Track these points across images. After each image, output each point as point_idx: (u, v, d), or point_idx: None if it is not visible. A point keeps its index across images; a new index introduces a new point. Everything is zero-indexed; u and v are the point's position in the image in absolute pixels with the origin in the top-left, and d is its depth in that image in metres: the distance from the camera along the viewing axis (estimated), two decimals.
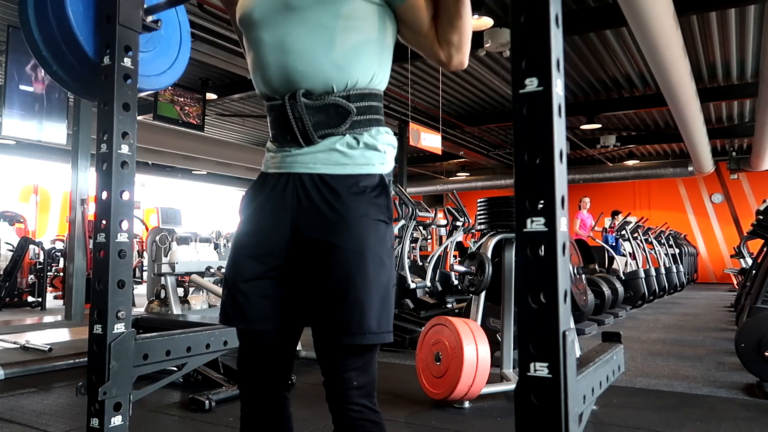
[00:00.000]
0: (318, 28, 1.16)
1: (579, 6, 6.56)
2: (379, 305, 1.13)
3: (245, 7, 1.25)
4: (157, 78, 1.80)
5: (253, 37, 1.23)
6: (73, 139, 6.43)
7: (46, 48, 1.61)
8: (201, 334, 2.09)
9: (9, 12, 6.73)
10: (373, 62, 1.21)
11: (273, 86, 1.20)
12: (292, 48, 1.17)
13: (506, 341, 3.17)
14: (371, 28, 1.19)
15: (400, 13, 1.22)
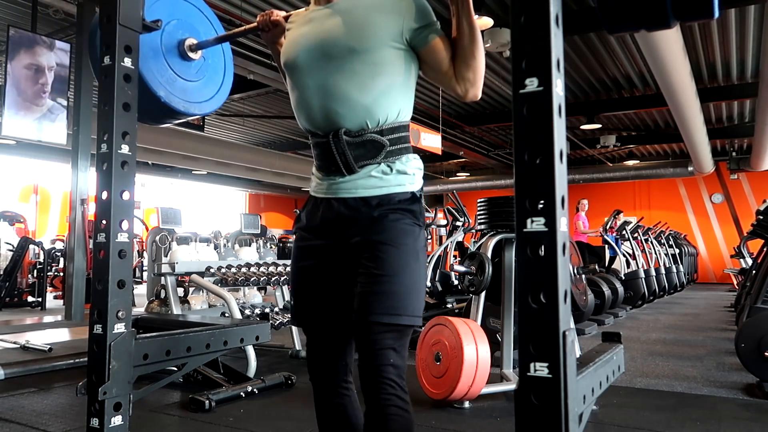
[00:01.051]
0: (353, 75, 1.36)
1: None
2: (414, 293, 1.33)
3: (289, 53, 1.46)
4: (205, 104, 1.96)
5: (297, 80, 1.44)
6: (73, 139, 6.43)
7: None
8: (201, 334, 2.09)
9: (9, 12, 6.73)
10: (399, 100, 1.41)
11: (317, 124, 1.42)
12: (333, 92, 1.37)
13: (506, 341, 3.17)
14: (397, 72, 1.39)
15: (422, 55, 1.41)
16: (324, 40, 1.39)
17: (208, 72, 1.96)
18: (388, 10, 1.38)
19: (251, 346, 3.39)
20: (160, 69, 1.80)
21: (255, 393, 3.03)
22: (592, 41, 7.62)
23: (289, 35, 1.51)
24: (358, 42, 1.35)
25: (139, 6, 1.66)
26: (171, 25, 1.84)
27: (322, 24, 1.41)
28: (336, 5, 1.43)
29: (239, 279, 3.76)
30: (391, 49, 1.37)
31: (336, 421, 1.47)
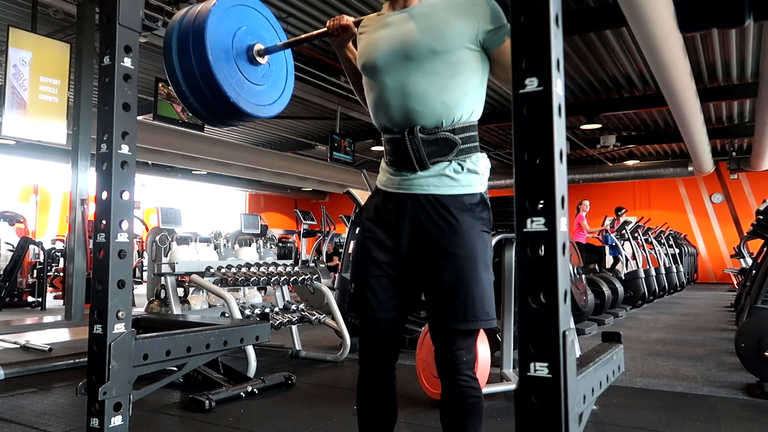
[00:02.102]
0: (432, 75, 1.44)
1: (579, 6, 6.56)
2: (486, 298, 1.45)
3: (368, 55, 1.53)
4: (270, 107, 2.05)
5: (377, 80, 1.51)
6: (73, 139, 6.43)
7: (185, 84, 1.85)
8: (201, 334, 2.09)
9: (9, 12, 6.73)
10: (474, 100, 1.49)
11: (394, 122, 1.49)
12: (412, 91, 1.45)
13: (506, 341, 3.17)
14: (473, 72, 1.47)
15: (493, 56, 1.48)
16: (405, 42, 1.46)
17: (272, 77, 2.06)
18: (464, 13, 1.45)
19: (251, 346, 3.39)
20: (231, 71, 1.88)
21: (255, 393, 3.03)
22: (592, 41, 7.62)
23: (366, 38, 1.58)
24: (439, 43, 1.43)
25: (139, 6, 1.66)
26: (241, 31, 1.94)
27: (402, 27, 1.49)
28: (413, 9, 1.51)
29: (239, 279, 3.76)
30: (468, 50, 1.45)
31: (380, 403, 1.56)
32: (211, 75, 1.79)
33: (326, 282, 5.08)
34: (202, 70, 1.80)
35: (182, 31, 1.86)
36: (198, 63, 1.80)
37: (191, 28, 1.83)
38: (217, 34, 1.84)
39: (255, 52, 1.94)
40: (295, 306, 4.06)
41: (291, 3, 6.63)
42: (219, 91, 1.82)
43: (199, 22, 1.83)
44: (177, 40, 1.84)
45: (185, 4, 6.30)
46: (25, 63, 5.96)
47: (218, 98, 1.84)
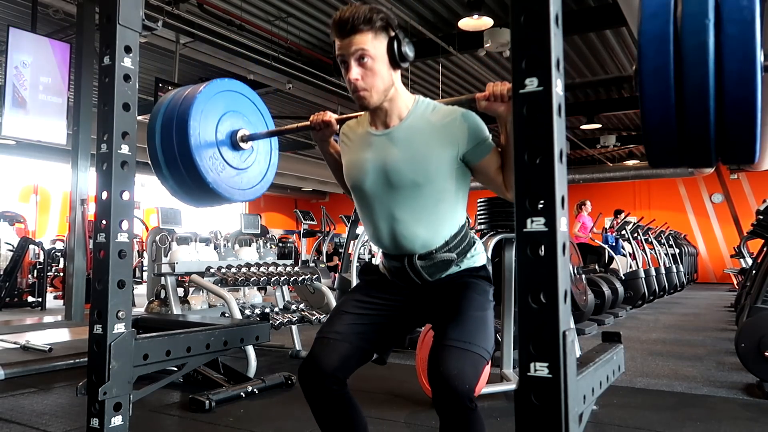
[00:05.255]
0: (418, 205, 1.49)
1: (579, 6, 6.56)
2: (480, 334, 1.43)
3: (355, 177, 1.56)
4: (251, 190, 2.09)
5: (365, 204, 1.57)
6: (73, 139, 6.43)
7: (167, 168, 1.90)
8: (201, 334, 2.09)
9: (9, 12, 6.73)
10: (459, 213, 1.55)
11: (385, 245, 1.56)
12: (400, 219, 1.50)
13: (506, 341, 3.17)
14: (455, 192, 1.52)
15: (474, 168, 1.52)
16: (389, 172, 1.49)
17: (255, 160, 2.10)
18: (444, 138, 1.47)
19: (251, 346, 3.39)
20: (213, 157, 1.92)
21: (255, 393, 3.03)
22: (592, 41, 7.62)
23: (350, 155, 1.60)
24: (422, 177, 1.47)
25: (139, 6, 1.66)
26: (227, 117, 1.98)
27: (385, 153, 1.51)
28: (395, 132, 1.51)
29: (239, 279, 3.76)
30: (451, 175, 1.49)
31: (347, 405, 1.53)
32: (192, 162, 1.84)
33: (326, 282, 5.08)
34: (183, 157, 1.85)
35: (167, 116, 1.90)
36: (180, 150, 1.85)
37: (176, 114, 1.88)
38: (202, 121, 1.88)
39: (239, 138, 1.98)
40: (295, 306, 4.06)
41: (291, 3, 6.63)
42: (199, 178, 1.86)
43: (183, 109, 1.87)
44: (161, 124, 1.88)
45: (185, 4, 6.32)
46: (26, 65, 5.95)
47: (198, 184, 1.89)
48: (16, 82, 5.90)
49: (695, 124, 1.06)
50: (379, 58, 1.45)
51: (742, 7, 1.01)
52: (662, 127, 1.08)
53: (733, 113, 1.03)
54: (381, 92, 1.48)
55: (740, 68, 1.00)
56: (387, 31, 1.46)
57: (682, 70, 1.04)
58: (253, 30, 7.04)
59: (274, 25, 7.10)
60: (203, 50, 7.05)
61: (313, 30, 7.39)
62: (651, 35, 1.06)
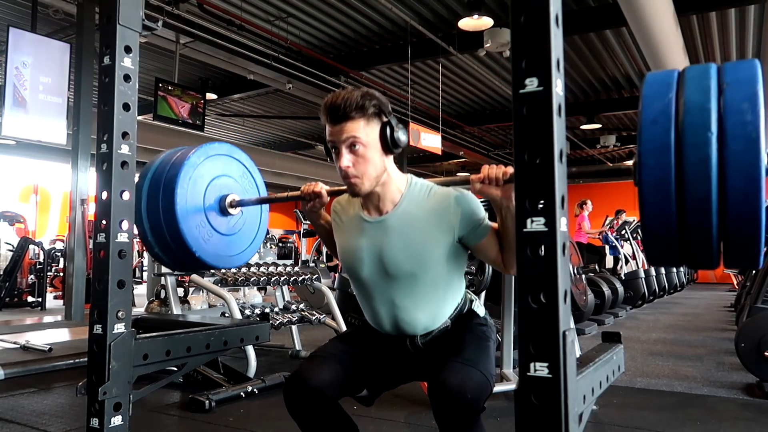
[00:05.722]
0: (416, 293, 1.49)
1: (579, 6, 6.56)
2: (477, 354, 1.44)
3: (351, 264, 1.55)
4: (238, 256, 2.06)
5: (365, 290, 1.56)
6: (73, 139, 6.43)
7: (152, 234, 1.87)
8: (201, 334, 2.09)
9: (9, 12, 6.73)
10: (456, 294, 1.55)
11: (385, 329, 1.55)
12: (400, 305, 1.50)
13: (506, 341, 3.17)
14: (453, 273, 1.51)
15: (471, 248, 1.51)
16: (385, 262, 1.48)
17: (244, 226, 2.06)
18: (439, 225, 1.45)
19: (251, 346, 3.39)
20: (199, 224, 1.89)
21: (255, 393, 3.03)
22: (592, 41, 7.62)
23: (343, 238, 1.60)
24: (419, 267, 1.46)
25: (139, 6, 1.66)
26: (216, 182, 1.95)
27: (380, 242, 1.49)
28: (389, 219, 1.50)
29: (239, 279, 3.76)
30: (448, 260, 1.48)
31: (335, 421, 1.48)
32: (178, 231, 1.81)
33: (326, 282, 5.08)
34: (169, 225, 1.82)
35: (154, 181, 1.86)
36: (166, 218, 1.82)
37: (163, 180, 1.84)
38: (189, 188, 1.85)
39: (227, 204, 1.95)
40: (295, 306, 4.06)
41: (291, 3, 6.63)
42: (185, 246, 1.84)
43: (171, 176, 1.83)
44: (147, 190, 1.85)
45: (185, 4, 6.32)
46: (26, 65, 5.95)
47: (184, 252, 1.86)
48: (16, 82, 5.90)
49: (697, 235, 1.04)
50: (371, 145, 1.42)
51: (747, 122, 0.98)
52: (663, 235, 1.06)
53: (736, 229, 1.01)
54: (373, 179, 1.45)
55: (744, 186, 0.97)
56: (380, 117, 1.44)
57: (684, 183, 1.01)
58: (253, 30, 7.04)
59: (274, 25, 7.10)
60: (203, 50, 7.05)
61: (313, 30, 7.39)
62: (651, 145, 1.03)
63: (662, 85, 1.08)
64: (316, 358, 1.49)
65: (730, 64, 1.05)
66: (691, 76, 1.06)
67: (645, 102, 1.08)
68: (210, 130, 11.80)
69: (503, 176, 1.36)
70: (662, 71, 1.13)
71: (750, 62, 1.04)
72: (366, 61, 8.12)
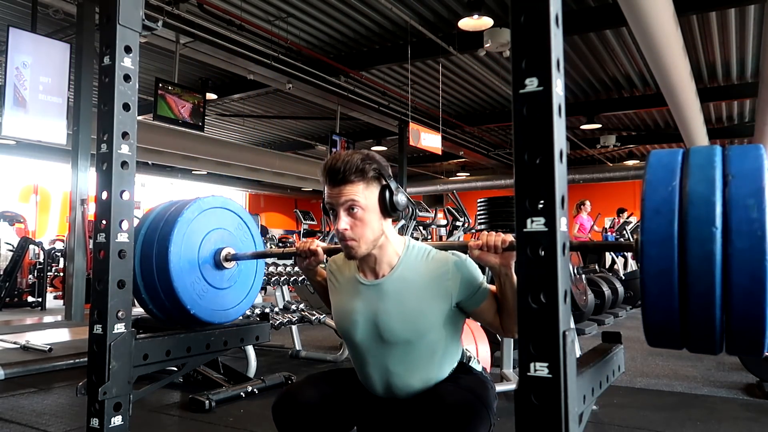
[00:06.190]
0: (411, 359, 1.46)
1: (579, 6, 6.56)
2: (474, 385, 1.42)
3: (346, 328, 1.52)
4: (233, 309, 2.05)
5: (358, 353, 1.52)
6: (73, 139, 6.43)
7: (145, 292, 1.87)
8: (201, 334, 2.09)
9: (9, 12, 6.73)
10: (452, 359, 1.51)
11: (376, 391, 1.52)
12: (393, 371, 1.47)
13: (506, 341, 3.17)
14: (449, 338, 1.48)
15: (470, 313, 1.49)
16: (380, 327, 1.45)
17: (239, 278, 2.05)
18: (436, 290, 1.43)
19: (251, 346, 3.39)
20: (194, 281, 1.88)
21: (255, 393, 3.03)
22: (592, 41, 7.62)
23: (338, 299, 1.57)
24: (415, 334, 1.43)
25: (139, 6, 1.66)
26: (211, 235, 1.94)
27: (375, 306, 1.47)
28: (384, 284, 1.47)
29: None
30: (444, 326, 1.45)
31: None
32: (172, 289, 1.80)
33: None
34: (163, 283, 1.81)
35: (147, 238, 1.85)
36: (160, 276, 1.81)
37: (156, 237, 1.83)
38: (184, 244, 1.83)
39: (222, 257, 1.94)
40: (295, 306, 4.05)
41: (291, 3, 6.63)
42: (179, 304, 1.83)
43: (164, 234, 1.82)
44: (141, 247, 1.84)
45: (185, 4, 6.32)
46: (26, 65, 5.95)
47: (178, 309, 1.85)
48: (16, 83, 5.90)
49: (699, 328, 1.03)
50: (370, 208, 1.41)
51: (753, 219, 0.96)
52: (664, 324, 1.06)
53: (739, 325, 0.99)
54: (370, 242, 1.43)
55: (749, 285, 0.96)
56: (379, 180, 1.43)
57: (687, 276, 1.00)
58: (253, 30, 7.04)
59: (274, 25, 7.10)
60: (203, 50, 7.05)
61: (313, 30, 7.39)
62: (655, 236, 1.02)
63: (666, 171, 1.06)
64: (308, 378, 1.51)
65: (736, 151, 1.02)
66: (696, 164, 1.04)
67: (648, 189, 1.06)
68: (210, 130, 11.80)
69: (502, 244, 1.34)
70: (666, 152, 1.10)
71: (755, 151, 1.01)
72: (366, 61, 8.12)
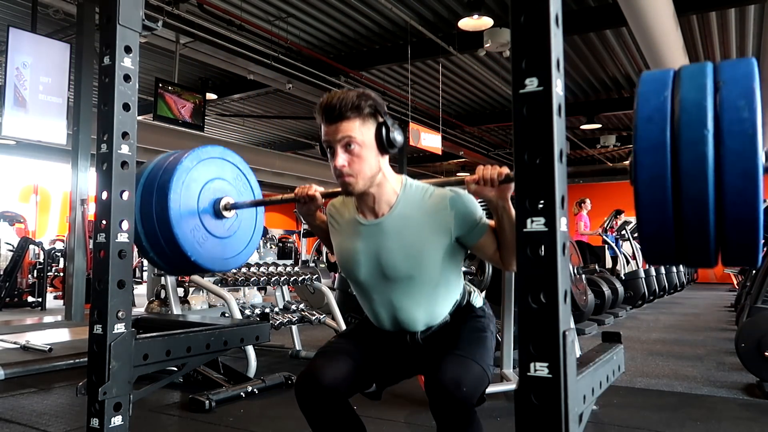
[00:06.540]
0: (415, 294, 1.50)
1: (579, 6, 6.56)
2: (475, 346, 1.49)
3: (349, 267, 1.55)
4: (233, 258, 2.05)
5: (364, 291, 1.57)
6: (73, 139, 6.43)
7: (146, 240, 1.86)
8: (201, 334, 2.09)
9: (9, 12, 6.73)
10: (454, 291, 1.56)
11: (385, 328, 1.57)
12: (398, 306, 1.52)
13: (506, 341, 3.17)
14: (451, 272, 1.52)
15: (470, 248, 1.52)
16: (382, 265, 1.49)
17: (239, 228, 2.06)
18: (436, 226, 1.46)
19: (251, 346, 3.39)
20: (194, 228, 1.89)
21: (255, 393, 3.03)
22: (592, 41, 7.62)
23: (340, 241, 1.60)
24: (416, 269, 1.47)
25: (139, 6, 1.66)
26: (210, 185, 1.95)
27: (377, 245, 1.50)
28: (384, 222, 1.49)
29: (239, 279, 3.76)
30: (445, 260, 1.49)
31: (346, 419, 1.50)
32: (173, 235, 1.81)
33: (326, 282, 5.08)
34: (163, 230, 1.82)
35: (146, 186, 1.86)
36: (160, 223, 1.82)
37: (156, 185, 1.84)
38: (183, 192, 1.85)
39: (222, 207, 1.95)
40: (295, 306, 4.06)
41: (291, 3, 6.63)
42: (180, 251, 1.84)
43: (163, 181, 1.83)
44: (140, 195, 1.85)
45: (185, 4, 6.32)
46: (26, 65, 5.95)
47: (178, 256, 1.86)
48: (16, 83, 5.90)
49: (694, 235, 1.03)
50: (367, 145, 1.42)
51: (744, 119, 0.96)
52: (659, 235, 1.05)
53: (733, 228, 1.00)
54: (367, 179, 1.45)
55: (741, 185, 0.96)
56: (375, 117, 1.44)
57: (680, 181, 1.00)
58: (253, 30, 7.04)
59: (274, 25, 7.10)
60: (203, 50, 7.05)
61: (313, 30, 7.39)
62: (647, 143, 1.02)
63: (658, 83, 1.06)
64: (325, 354, 1.51)
65: (727, 62, 1.04)
66: (687, 75, 1.05)
67: (640, 100, 1.06)
68: (210, 130, 11.80)
69: (498, 177, 1.36)
70: (658, 70, 1.11)
71: (746, 60, 1.02)
72: (366, 61, 8.12)
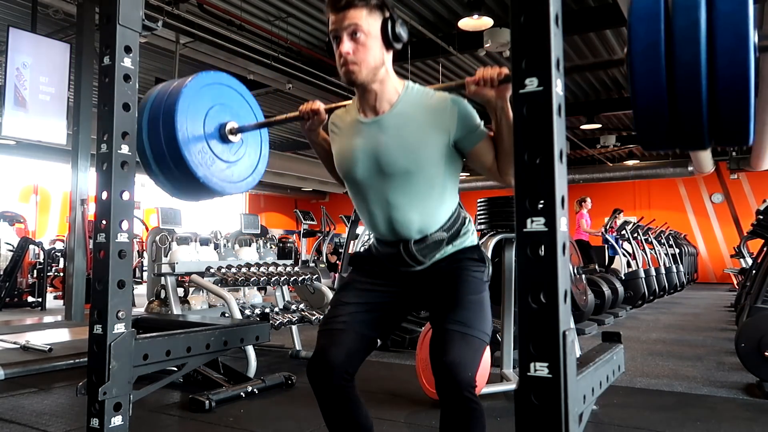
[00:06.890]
0: (411, 191, 1.49)
1: (579, 6, 6.56)
2: (474, 314, 1.48)
3: (347, 166, 1.55)
4: (242, 183, 2.07)
5: (358, 192, 1.57)
6: (73, 139, 6.43)
7: (155, 163, 1.87)
8: (201, 334, 2.09)
9: (9, 12, 6.73)
10: (449, 201, 1.55)
11: (381, 232, 1.55)
12: (394, 204, 1.50)
13: (506, 341, 3.17)
14: (447, 177, 1.52)
15: (467, 155, 1.51)
16: (380, 160, 1.49)
17: (245, 152, 2.08)
18: (435, 124, 1.46)
19: (251, 346, 3.39)
20: (201, 151, 1.90)
21: (255, 393, 3.03)
22: (592, 41, 7.62)
23: (340, 143, 1.59)
24: (414, 164, 1.47)
25: (139, 6, 1.66)
26: (214, 110, 1.96)
27: (375, 140, 1.50)
28: (384, 119, 1.50)
29: (239, 279, 3.76)
30: (442, 162, 1.49)
31: (355, 402, 1.51)
32: (181, 158, 1.82)
33: (326, 282, 5.08)
34: (171, 152, 1.83)
35: (153, 111, 1.87)
36: (168, 146, 1.83)
37: (162, 109, 1.85)
38: (189, 115, 1.86)
39: (227, 131, 1.96)
40: (295, 306, 4.06)
41: (291, 3, 6.63)
42: (189, 173, 1.85)
43: (169, 104, 1.84)
44: (147, 120, 1.86)
45: (185, 4, 6.32)
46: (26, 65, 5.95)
47: (188, 178, 1.87)
48: (17, 83, 5.90)
49: (687, 103, 1.03)
50: (373, 35, 1.44)
51: None
52: (653, 107, 1.05)
53: (725, 93, 1.00)
54: (371, 69, 1.45)
55: (733, 47, 0.97)
56: (382, 11, 1.46)
57: (674, 49, 1.00)
58: (253, 30, 7.04)
59: (274, 25, 7.10)
60: (203, 50, 7.05)
61: (313, 30, 7.39)
62: (641, 13, 1.03)
63: None
64: (330, 332, 1.51)
65: None
66: None
67: None
68: None
69: (498, 76, 1.37)
70: None
71: None
72: None
